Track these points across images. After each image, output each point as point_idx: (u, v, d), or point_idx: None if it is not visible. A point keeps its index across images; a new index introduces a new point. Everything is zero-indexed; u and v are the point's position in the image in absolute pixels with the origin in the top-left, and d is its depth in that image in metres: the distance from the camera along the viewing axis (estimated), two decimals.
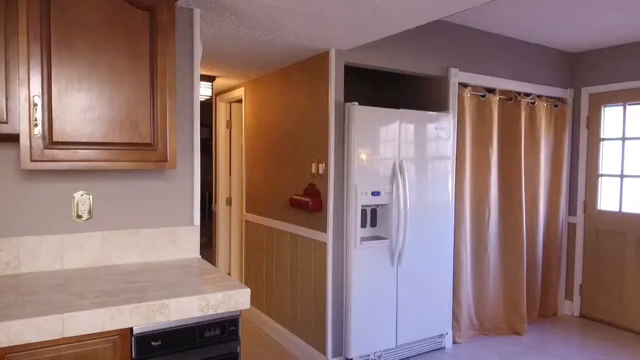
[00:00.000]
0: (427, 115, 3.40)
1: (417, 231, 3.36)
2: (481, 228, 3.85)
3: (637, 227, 4.01)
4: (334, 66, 3.08)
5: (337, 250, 3.15)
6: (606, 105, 4.26)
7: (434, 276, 3.50)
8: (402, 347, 3.38)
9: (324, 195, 3.17)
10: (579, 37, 3.91)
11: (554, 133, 4.32)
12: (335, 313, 3.16)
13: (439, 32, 3.51)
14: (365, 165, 3.13)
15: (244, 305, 1.79)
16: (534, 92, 4.13)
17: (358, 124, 3.08)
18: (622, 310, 4.12)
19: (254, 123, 4.21)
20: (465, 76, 3.66)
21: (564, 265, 4.51)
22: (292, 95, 3.57)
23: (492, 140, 3.83)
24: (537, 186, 4.18)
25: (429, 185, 3.43)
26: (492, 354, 3.55)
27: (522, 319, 3.95)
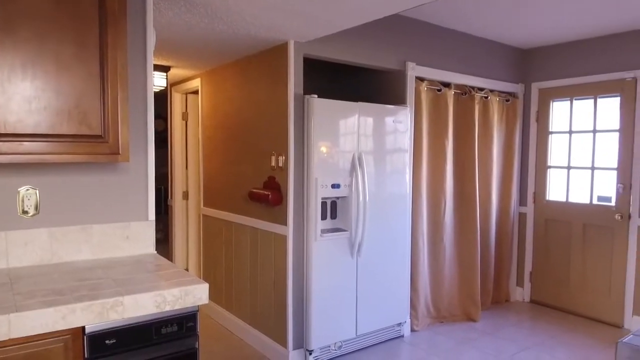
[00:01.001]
0: (385, 108, 3.44)
1: (376, 223, 3.40)
2: (437, 219, 3.95)
3: (582, 216, 4.24)
4: (292, 58, 3.06)
5: (297, 243, 3.15)
6: (554, 100, 4.45)
7: (393, 266, 3.56)
8: (361, 337, 3.43)
9: (284, 188, 3.15)
10: (529, 34, 4.06)
11: (505, 126, 4.48)
12: (296, 305, 3.17)
13: (396, 26, 3.55)
14: (325, 158, 3.14)
15: (202, 301, 1.76)
16: (487, 87, 4.26)
17: (317, 117, 3.08)
18: (569, 295, 4.34)
19: (211, 115, 4.13)
20: (422, 70, 3.73)
21: (515, 254, 4.70)
22: (250, 86, 3.53)
23: (447, 133, 3.93)
24: (490, 178, 4.33)
25: (388, 177, 3.48)
26: (449, 340, 3.66)
27: (476, 306, 4.10)
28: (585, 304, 4.22)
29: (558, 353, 3.46)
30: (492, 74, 4.33)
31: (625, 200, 3.94)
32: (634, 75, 3.87)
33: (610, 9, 3.36)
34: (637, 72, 3.85)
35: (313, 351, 3.17)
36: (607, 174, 4.09)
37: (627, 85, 3.91)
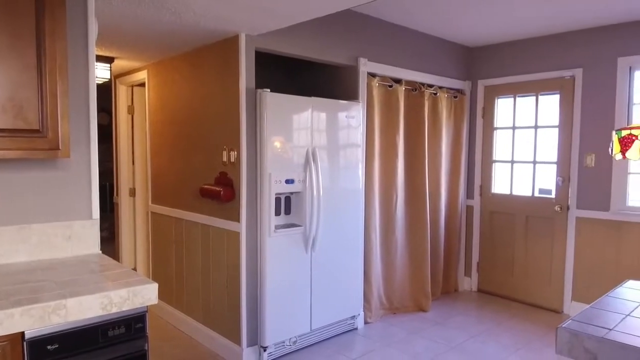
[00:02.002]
0: (339, 103, 3.46)
1: (330, 217, 3.42)
2: (389, 212, 4.02)
3: (524, 208, 4.45)
4: (244, 51, 3.01)
5: (250, 239, 3.11)
6: (499, 96, 4.64)
7: (346, 260, 3.59)
8: (316, 331, 3.44)
9: (236, 184, 3.10)
10: (475, 33, 4.20)
11: (453, 122, 4.62)
12: (250, 302, 3.13)
13: (349, 22, 3.56)
14: (279, 153, 3.11)
15: (151, 301, 1.69)
16: (436, 84, 4.37)
17: (270, 111, 3.04)
18: (513, 284, 4.55)
19: (159, 108, 3.99)
20: (373, 66, 3.76)
21: (463, 245, 4.87)
22: (200, 79, 3.43)
23: (399, 128, 4.00)
24: (439, 172, 4.45)
25: (341, 172, 3.50)
26: (401, 330, 3.74)
27: (427, 297, 4.21)
28: (528, 291, 4.44)
29: (503, 339, 3.62)
30: (441, 71, 4.44)
31: (564, 192, 4.17)
32: (572, 74, 4.09)
33: (550, 10, 3.52)
34: (575, 71, 4.07)
35: (267, 347, 3.15)
36: (548, 168, 4.31)
37: (566, 83, 4.13)
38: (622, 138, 2.54)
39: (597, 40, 3.94)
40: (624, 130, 2.54)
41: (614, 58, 3.85)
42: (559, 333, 1.45)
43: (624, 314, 1.58)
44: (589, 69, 3.99)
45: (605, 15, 3.64)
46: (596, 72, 3.95)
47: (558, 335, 1.45)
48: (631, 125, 2.61)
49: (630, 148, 2.51)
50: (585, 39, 4.00)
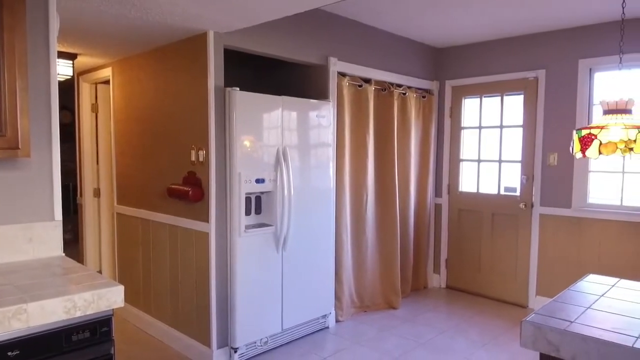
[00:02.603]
0: (309, 103, 3.45)
1: (301, 217, 3.41)
2: (360, 211, 4.04)
3: (490, 205, 4.56)
4: (212, 49, 2.97)
5: (220, 239, 3.07)
6: (466, 97, 4.73)
7: (318, 259, 3.60)
8: (287, 331, 3.43)
9: (205, 183, 3.05)
10: (442, 34, 4.27)
11: (422, 122, 4.69)
12: (220, 303, 3.09)
13: (319, 21, 3.56)
14: (249, 152, 3.08)
15: (117, 304, 1.65)
16: (405, 84, 4.43)
17: (240, 110, 3.01)
18: (480, 279, 4.66)
19: (124, 107, 3.89)
20: (343, 66, 3.78)
21: (432, 243, 4.95)
22: (167, 77, 3.37)
23: (368, 128, 4.03)
24: (408, 171, 4.51)
25: (312, 171, 3.50)
26: (372, 328, 3.77)
27: (397, 294, 4.26)
28: (495, 287, 4.55)
29: (471, 334, 3.70)
30: (410, 71, 4.50)
31: (528, 190, 4.29)
32: (535, 75, 4.21)
33: (516, 13, 3.62)
34: (539, 72, 4.19)
35: (238, 349, 3.12)
36: (513, 167, 4.43)
37: (529, 84, 4.26)
38: (582, 137, 2.64)
39: (559, 42, 4.07)
40: (584, 129, 2.64)
41: (575, 60, 3.99)
42: (524, 327, 1.49)
43: (584, 306, 1.64)
44: (551, 71, 4.13)
45: (567, 19, 3.77)
46: (558, 73, 4.09)
47: (522, 329, 1.49)
48: (591, 125, 2.71)
49: (589, 147, 2.61)
50: (548, 41, 4.13)
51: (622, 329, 1.42)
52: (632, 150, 2.52)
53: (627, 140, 2.51)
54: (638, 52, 3.65)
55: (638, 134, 2.48)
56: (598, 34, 3.85)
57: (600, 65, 3.88)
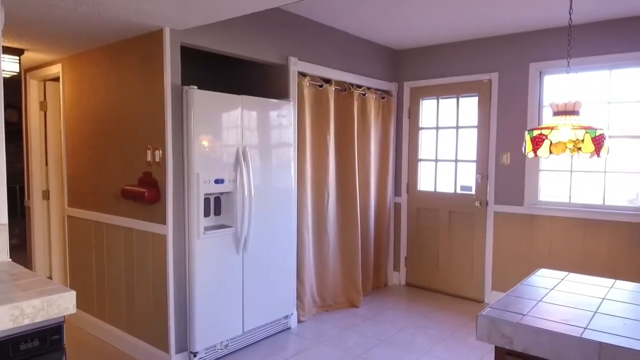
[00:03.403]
0: (269, 102, 3.43)
1: (262, 217, 3.38)
2: (321, 211, 4.05)
3: (447, 204, 4.67)
4: (168, 46, 2.89)
5: (178, 242, 3.00)
6: (424, 98, 4.83)
7: (279, 260, 3.57)
8: (249, 333, 3.39)
9: (161, 184, 2.97)
10: (400, 36, 4.35)
11: (381, 122, 4.75)
12: (178, 307, 3.02)
13: (279, 20, 3.54)
14: (208, 152, 3.02)
15: (69, 311, 1.58)
16: (365, 85, 4.47)
17: (198, 109, 2.95)
18: (438, 276, 4.77)
19: (75, 105, 3.73)
20: (304, 66, 3.77)
21: (392, 241, 5.03)
22: (121, 75, 3.25)
23: (329, 128, 4.04)
24: (368, 170, 4.56)
25: (273, 171, 3.48)
26: (333, 327, 3.79)
27: (358, 293, 4.30)
28: (453, 283, 4.67)
29: (430, 330, 3.78)
30: (369, 72, 4.55)
31: (483, 188, 4.43)
32: (489, 77, 4.35)
33: (470, 17, 3.72)
34: (492, 75, 4.33)
35: (197, 353, 3.05)
36: (468, 166, 4.56)
37: (483, 86, 4.39)
38: (534, 137, 2.74)
39: (511, 46, 4.23)
40: (535, 130, 2.74)
41: (526, 63, 4.15)
42: (479, 321, 1.53)
43: (536, 300, 1.70)
44: (504, 73, 4.28)
45: (518, 24, 3.91)
46: (510, 76, 4.24)
47: (478, 323, 1.53)
48: (541, 125, 2.82)
49: (541, 147, 2.72)
50: (501, 45, 4.28)
51: (571, 321, 1.48)
52: (580, 150, 2.64)
53: (575, 140, 2.63)
54: (584, 56, 3.84)
55: (585, 134, 2.61)
56: (547, 39, 4.02)
57: (549, 68, 4.06)
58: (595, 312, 1.56)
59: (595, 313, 1.55)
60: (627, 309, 1.61)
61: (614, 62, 3.75)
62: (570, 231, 3.96)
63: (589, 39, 3.81)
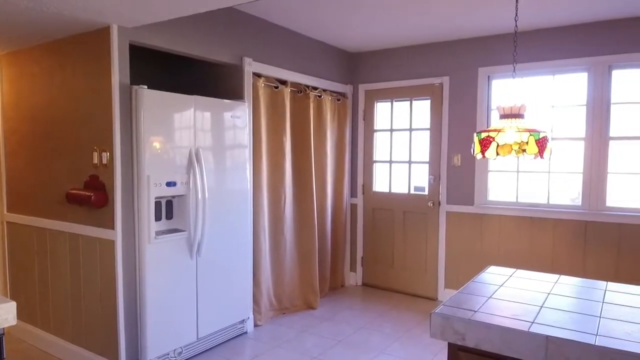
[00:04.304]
0: (223, 103, 3.37)
1: (217, 220, 3.31)
2: (278, 213, 4.02)
3: (401, 204, 4.76)
4: (116, 44, 2.78)
5: (127, 247, 2.88)
6: (378, 100, 4.90)
7: (235, 263, 3.51)
8: (204, 339, 3.31)
9: (109, 187, 2.85)
10: (355, 39, 4.39)
11: (337, 124, 4.78)
12: (128, 315, 2.90)
13: (234, 20, 3.49)
14: (159, 154, 2.93)
15: (9, 322, 1.48)
16: (320, 86, 4.48)
17: (148, 110, 2.85)
18: (394, 275, 4.84)
19: (14, 104, 3.52)
20: (259, 66, 3.74)
21: (349, 241, 5.06)
22: (66, 73, 3.10)
23: (285, 129, 4.02)
24: (324, 172, 4.57)
25: (228, 173, 3.41)
26: (291, 330, 3.76)
27: (316, 294, 4.30)
28: (407, 282, 4.75)
29: (386, 329, 3.83)
30: (325, 74, 4.57)
31: (435, 189, 4.54)
32: (440, 81, 4.47)
33: (421, 22, 3.81)
34: (443, 79, 4.45)
35: None
36: (421, 167, 4.66)
37: (435, 89, 4.51)
38: (482, 140, 2.84)
39: (461, 51, 4.36)
40: (484, 132, 2.84)
41: (475, 68, 4.29)
42: (433, 318, 1.56)
43: (486, 296, 1.75)
44: (454, 77, 4.40)
45: (468, 30, 4.04)
46: (461, 80, 4.37)
47: (432, 321, 1.56)
48: (489, 128, 2.92)
49: (488, 148, 2.81)
50: (452, 50, 4.41)
51: (520, 315, 1.53)
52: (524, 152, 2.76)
53: (520, 142, 2.74)
54: (529, 61, 4.01)
55: (529, 137, 2.72)
56: (495, 45, 4.18)
57: (497, 73, 4.21)
58: (541, 307, 1.62)
59: (542, 307, 1.62)
60: (571, 302, 1.69)
61: (556, 67, 3.95)
62: (518, 229, 4.13)
63: (533, 45, 3.99)
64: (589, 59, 3.79)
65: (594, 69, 3.79)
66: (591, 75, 3.81)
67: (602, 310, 1.59)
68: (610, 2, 3.30)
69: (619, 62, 3.70)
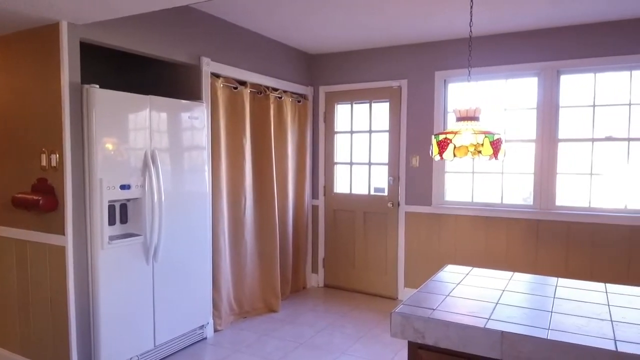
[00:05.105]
0: (180, 103, 3.29)
1: (174, 224, 3.23)
2: (238, 215, 3.96)
3: (362, 205, 4.80)
4: (66, 42, 2.66)
5: (79, 253, 2.76)
6: (338, 102, 4.93)
7: (194, 268, 3.43)
8: (161, 346, 3.21)
9: (59, 191, 2.72)
10: (315, 41, 4.39)
11: (298, 126, 4.77)
12: (81, 323, 2.78)
13: (191, 19, 3.42)
14: (112, 155, 2.82)
15: None
16: (281, 88, 4.46)
17: (100, 110, 2.74)
18: (355, 276, 4.87)
19: None
20: (217, 67, 3.68)
21: (310, 243, 5.06)
22: (10, 71, 2.94)
23: (245, 131, 3.97)
24: (285, 173, 4.55)
25: (186, 176, 3.33)
26: (252, 334, 3.71)
27: (277, 297, 4.26)
28: (368, 282, 4.80)
29: (347, 329, 3.84)
30: (285, 75, 4.55)
31: (394, 190, 4.61)
32: (399, 84, 4.54)
33: (380, 24, 3.85)
34: (402, 82, 4.53)
35: None
36: (381, 169, 4.72)
37: (394, 92, 4.58)
38: (440, 141, 2.90)
39: (418, 55, 4.45)
40: (441, 134, 2.90)
41: (432, 71, 4.39)
42: (393, 318, 1.57)
43: (444, 294, 1.78)
44: (412, 80, 4.49)
45: (425, 34, 4.13)
46: (418, 83, 4.46)
47: (392, 320, 1.57)
48: (446, 130, 2.99)
49: (446, 150, 2.88)
50: (409, 53, 4.49)
51: (476, 312, 1.57)
52: (480, 153, 2.84)
53: (476, 144, 2.82)
54: (483, 66, 4.14)
55: (484, 139, 2.80)
56: (451, 49, 4.29)
57: (453, 77, 4.32)
58: (497, 303, 1.67)
59: (497, 304, 1.66)
60: (524, 298, 1.75)
61: (509, 72, 4.09)
62: (473, 228, 4.25)
63: (487, 50, 4.12)
64: (539, 64, 3.95)
65: (543, 73, 3.96)
66: (541, 80, 3.98)
67: (553, 305, 1.65)
68: (558, 10, 3.45)
69: (566, 68, 3.88)
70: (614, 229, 3.73)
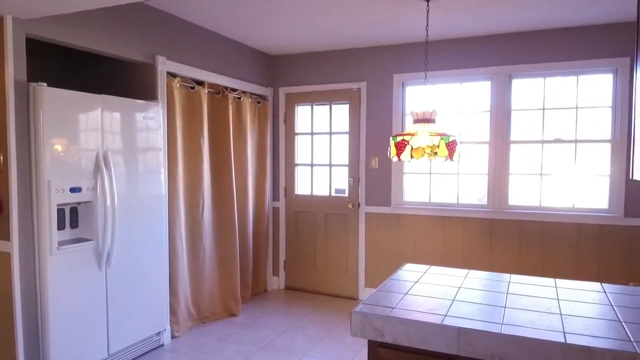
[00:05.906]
0: (134, 103, 3.18)
1: (128, 228, 3.12)
2: (196, 218, 3.88)
3: (323, 207, 4.81)
4: (10, 37, 2.52)
5: (26, 260, 2.62)
6: (299, 104, 4.92)
7: (149, 273, 3.33)
8: (115, 355, 3.09)
9: (4, 194, 2.57)
10: (274, 41, 4.37)
11: (258, 127, 4.73)
12: (28, 334, 2.63)
13: (146, 16, 3.32)
14: (62, 157, 2.70)
15: None
16: (240, 88, 4.41)
17: (48, 109, 2.62)
18: (316, 277, 4.87)
19: None
20: (173, 66, 3.59)
21: (271, 245, 5.02)
22: None
23: (203, 132, 3.89)
24: (245, 175, 4.50)
25: (140, 177, 3.23)
26: (211, 339, 3.64)
27: (237, 301, 4.20)
28: (330, 283, 4.81)
29: (309, 331, 3.83)
30: (244, 76, 4.50)
31: (355, 191, 4.64)
32: (358, 86, 4.58)
33: (340, 28, 3.88)
34: (361, 84, 4.57)
35: None
36: (341, 170, 4.75)
37: (353, 94, 4.61)
38: (397, 143, 2.95)
39: (377, 58, 4.51)
40: (399, 136, 2.95)
41: (390, 74, 4.46)
42: (353, 317, 1.57)
43: (403, 293, 1.80)
44: (371, 83, 4.54)
45: (383, 37, 4.18)
46: (377, 85, 4.52)
47: (352, 320, 1.57)
48: (404, 132, 3.04)
49: (403, 151, 2.92)
50: (369, 56, 4.54)
51: (434, 310, 1.60)
52: (436, 154, 2.90)
53: (432, 145, 2.88)
54: (439, 69, 4.24)
55: (440, 140, 2.87)
56: (408, 53, 4.37)
57: (410, 80, 4.41)
58: (453, 300, 1.70)
59: (454, 301, 1.70)
60: (479, 295, 1.79)
61: (464, 76, 4.21)
62: (431, 228, 4.34)
63: (443, 54, 4.23)
64: (492, 68, 4.09)
65: (496, 78, 4.10)
66: (494, 84, 4.12)
67: (506, 301, 1.70)
68: (509, 16, 3.58)
69: (518, 72, 4.03)
70: (562, 227, 3.90)
